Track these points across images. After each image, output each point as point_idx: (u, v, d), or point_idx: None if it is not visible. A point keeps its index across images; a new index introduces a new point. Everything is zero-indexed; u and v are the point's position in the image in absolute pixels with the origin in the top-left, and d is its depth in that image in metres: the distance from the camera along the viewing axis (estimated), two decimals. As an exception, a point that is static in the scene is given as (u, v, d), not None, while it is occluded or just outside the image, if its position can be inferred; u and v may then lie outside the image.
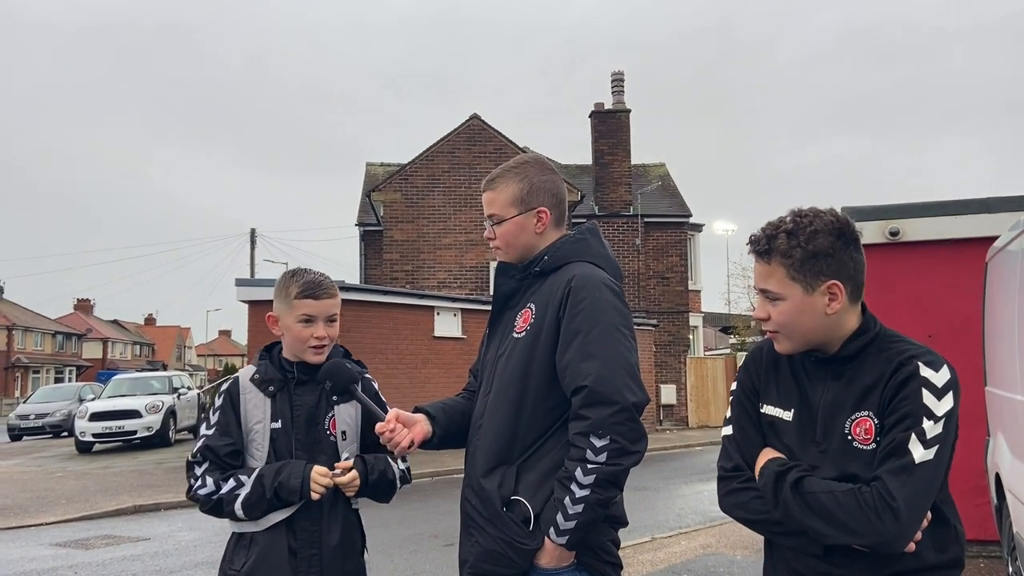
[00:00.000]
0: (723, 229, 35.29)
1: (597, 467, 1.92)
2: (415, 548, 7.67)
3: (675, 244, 24.92)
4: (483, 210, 2.30)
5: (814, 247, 1.75)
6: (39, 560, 7.76)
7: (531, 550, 1.98)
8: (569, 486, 1.93)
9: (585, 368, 1.97)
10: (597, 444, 1.92)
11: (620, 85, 25.93)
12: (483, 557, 2.05)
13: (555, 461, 2.02)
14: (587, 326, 2.01)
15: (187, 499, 2.47)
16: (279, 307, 2.46)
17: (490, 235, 2.28)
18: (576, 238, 2.24)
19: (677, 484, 12.07)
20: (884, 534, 1.61)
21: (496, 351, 2.21)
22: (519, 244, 2.23)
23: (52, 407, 25.79)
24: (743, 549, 7.07)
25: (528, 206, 2.21)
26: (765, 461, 1.81)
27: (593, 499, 1.92)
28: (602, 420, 1.93)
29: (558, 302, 2.07)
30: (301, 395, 2.44)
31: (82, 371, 65.12)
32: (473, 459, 2.16)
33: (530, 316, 2.13)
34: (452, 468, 13.30)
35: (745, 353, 25.56)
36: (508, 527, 2.00)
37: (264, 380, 2.45)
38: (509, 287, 2.24)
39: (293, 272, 2.52)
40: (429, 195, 21.39)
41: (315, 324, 2.41)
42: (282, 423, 2.41)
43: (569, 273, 2.12)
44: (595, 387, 1.95)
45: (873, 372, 1.75)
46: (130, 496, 11.36)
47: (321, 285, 2.45)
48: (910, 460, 1.64)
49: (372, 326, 15.39)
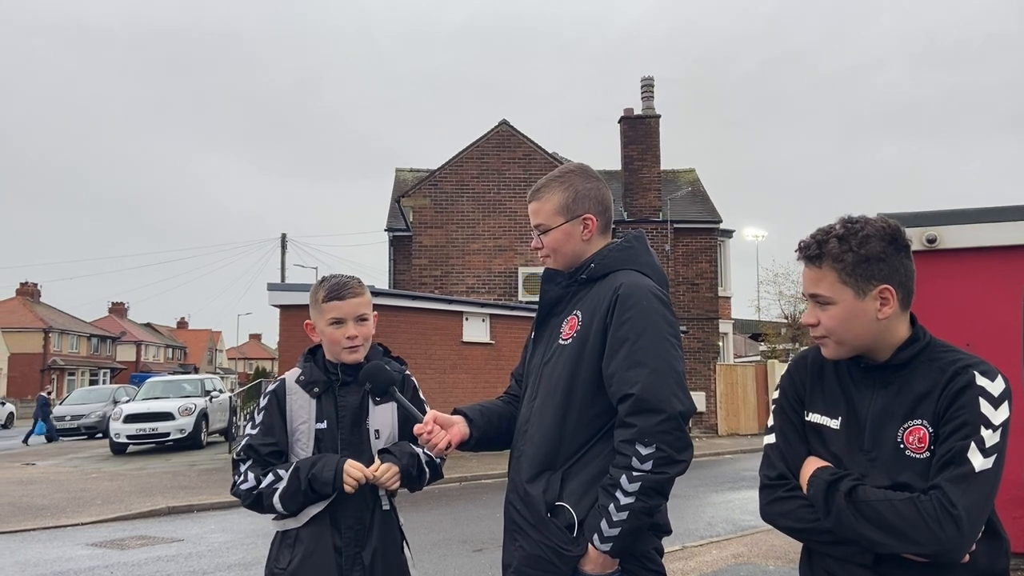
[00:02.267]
0: (753, 235, 35.02)
1: (643, 475, 1.93)
2: (444, 553, 7.70)
3: (705, 250, 24.76)
4: (529, 220, 2.31)
5: (866, 251, 1.75)
6: (76, 560, 7.89)
7: (575, 556, 1.98)
8: (614, 493, 1.94)
9: (632, 376, 1.98)
10: (643, 452, 1.93)
11: (650, 90, 25.85)
12: (527, 562, 2.07)
13: (600, 468, 2.03)
14: (635, 334, 2.02)
15: (231, 494, 2.54)
16: (313, 314, 2.57)
17: (537, 244, 2.29)
18: (623, 246, 2.25)
19: (707, 492, 11.97)
20: (946, 543, 1.60)
21: (542, 357, 2.22)
22: (567, 252, 2.24)
23: (87, 408, 26.24)
24: (776, 559, 6.99)
25: (574, 214, 2.23)
26: (815, 470, 1.80)
27: (638, 507, 1.93)
28: (649, 428, 1.93)
29: (605, 309, 2.08)
30: (345, 396, 2.51)
31: (116, 373, 66.15)
32: (518, 464, 2.17)
33: (576, 323, 2.14)
34: (480, 474, 13.32)
35: (775, 360, 25.25)
36: (552, 532, 2.01)
37: (309, 382, 2.52)
38: (555, 293, 2.25)
39: (322, 279, 2.61)
40: (458, 201, 21.48)
41: (345, 325, 2.48)
42: (327, 424, 2.48)
43: (616, 281, 2.12)
44: (642, 395, 1.95)
45: (926, 381, 1.74)
46: (164, 497, 11.51)
47: (346, 286, 2.51)
48: (970, 469, 1.63)
49: (401, 331, 15.47)
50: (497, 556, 8.20)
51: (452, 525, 9.13)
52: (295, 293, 16.02)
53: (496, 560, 7.26)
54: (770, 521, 1.89)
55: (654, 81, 25.95)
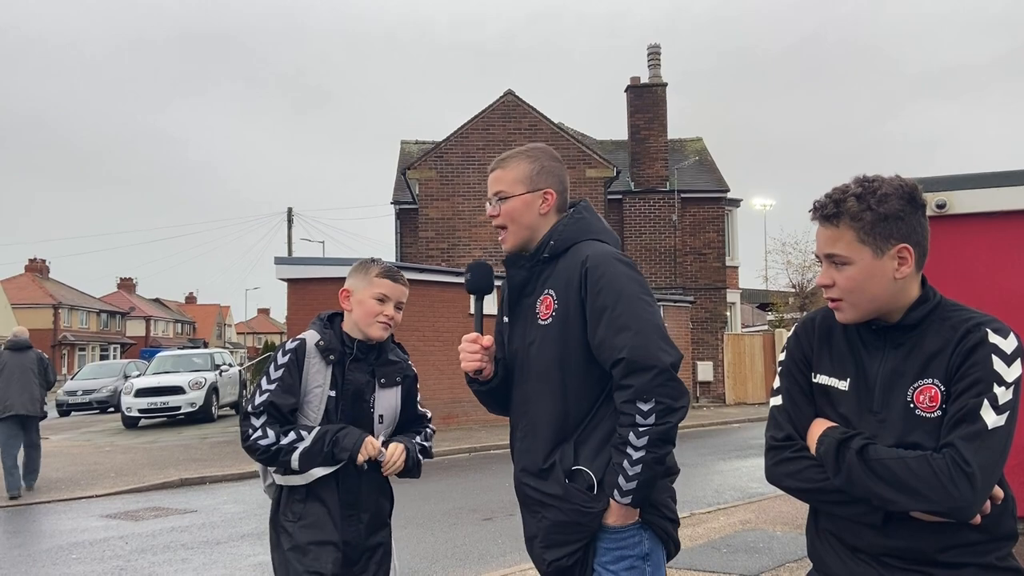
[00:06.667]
0: (761, 204, 34.80)
1: (648, 428, 2.05)
2: (454, 522, 7.77)
3: (712, 220, 24.63)
4: (489, 188, 2.36)
5: (885, 210, 1.74)
6: (91, 531, 8.01)
7: (598, 512, 2.11)
8: (625, 450, 2.06)
9: (619, 341, 2.08)
10: (644, 408, 2.05)
11: (656, 58, 25.56)
12: (553, 530, 2.18)
13: (607, 430, 2.15)
14: (611, 301, 2.12)
15: (244, 447, 2.59)
16: (356, 283, 2.67)
17: (494, 212, 2.33)
18: (575, 218, 2.32)
19: (714, 460, 12.03)
20: (959, 500, 1.60)
21: (523, 339, 2.29)
22: (523, 223, 2.30)
23: (98, 383, 26.47)
24: (783, 525, 7.04)
25: (536, 186, 2.31)
26: (825, 429, 1.79)
27: (650, 458, 2.05)
28: (644, 385, 2.05)
29: (577, 284, 2.17)
30: (353, 371, 2.63)
31: (126, 348, 66.66)
32: (524, 446, 2.27)
33: (552, 302, 2.23)
34: (489, 444, 13.41)
35: (782, 329, 25.15)
36: (575, 497, 2.13)
37: (328, 348, 2.62)
38: (521, 276, 2.33)
39: (373, 258, 2.80)
40: (464, 172, 21.38)
41: (388, 303, 2.65)
42: (336, 393, 2.60)
43: (580, 254, 2.21)
44: (632, 356, 2.06)
45: (938, 340, 1.73)
46: (176, 470, 11.64)
47: (400, 273, 2.73)
48: (983, 426, 1.62)
49: (408, 304, 15.22)
50: (507, 525, 8.26)
51: (462, 495, 9.21)
52: (302, 267, 16.04)
53: (505, 529, 7.36)
54: (775, 482, 1.88)
55: (660, 49, 25.66)
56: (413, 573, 6.01)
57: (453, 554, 6.60)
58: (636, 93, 25.10)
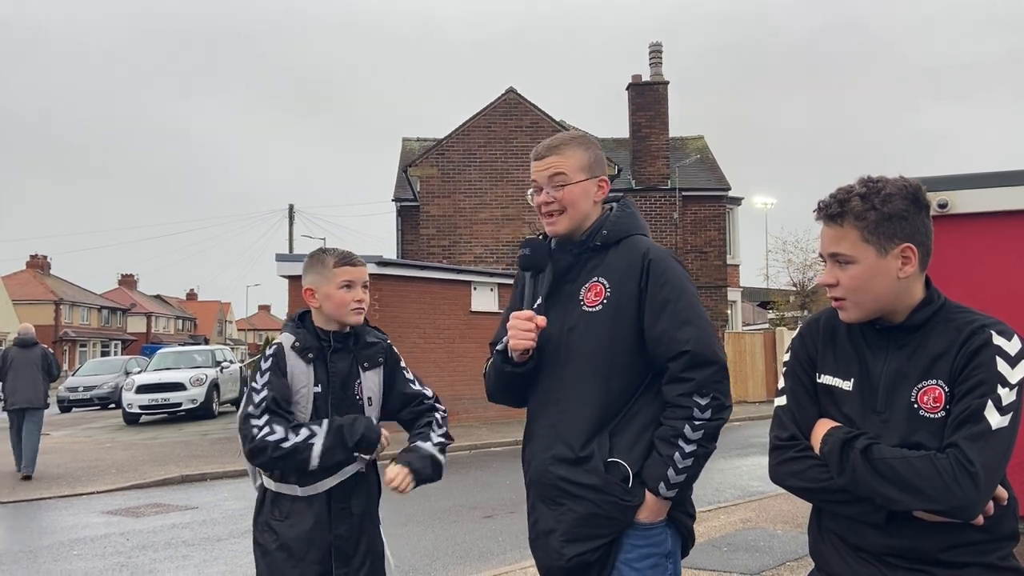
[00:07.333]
0: (762, 203, 34.79)
1: (704, 423, 2.09)
2: (455, 519, 7.78)
3: (713, 218, 24.63)
4: (538, 174, 2.29)
5: (889, 209, 1.75)
6: (92, 527, 8.01)
7: (634, 506, 2.11)
8: (677, 442, 2.08)
9: (682, 334, 2.12)
10: (702, 402, 2.09)
11: (658, 56, 25.55)
12: (579, 523, 2.14)
13: (642, 422, 2.16)
14: (674, 295, 2.16)
15: (249, 449, 2.49)
16: (315, 279, 2.64)
17: (547, 199, 2.27)
18: (627, 211, 2.34)
19: (715, 459, 11.89)
20: (962, 499, 1.61)
21: (561, 325, 2.24)
22: (580, 209, 2.28)
23: (100, 379, 26.45)
24: (783, 523, 7.04)
25: (594, 174, 2.30)
26: (829, 428, 1.80)
27: (701, 452, 2.10)
28: (705, 380, 2.10)
29: (637, 275, 2.19)
30: (336, 362, 2.63)
31: (127, 345, 66.68)
32: (554, 433, 2.21)
33: (603, 290, 2.21)
34: (489, 441, 13.42)
35: (783, 328, 25.08)
36: (613, 488, 2.11)
37: (304, 348, 2.61)
38: (567, 261, 2.29)
39: (322, 248, 2.74)
40: (465, 170, 21.37)
41: (355, 288, 2.63)
42: (322, 388, 2.59)
43: (638, 246, 2.24)
44: (697, 350, 2.11)
45: (942, 341, 1.75)
46: (177, 466, 11.65)
47: (354, 255, 2.68)
48: (987, 426, 1.64)
49: (409, 301, 15.50)
50: (508, 522, 8.25)
51: (462, 492, 9.22)
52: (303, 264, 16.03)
53: (506, 527, 7.36)
54: (779, 481, 1.89)
55: (662, 47, 25.64)
56: (414, 571, 6.01)
57: (454, 552, 6.60)
58: (637, 91, 25.09)
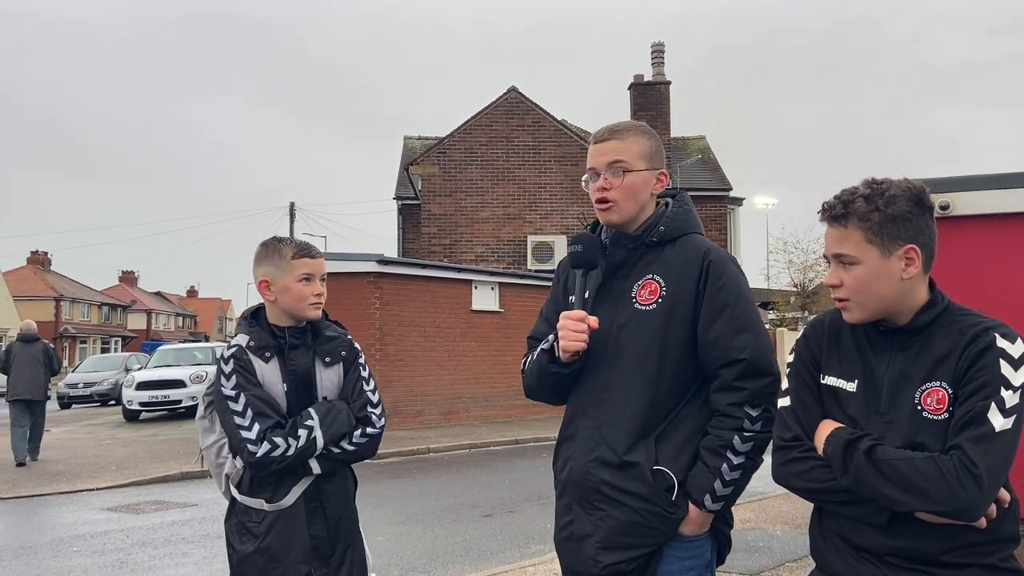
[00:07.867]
0: (764, 203, 34.78)
1: (754, 435, 2.01)
2: (455, 518, 7.78)
3: (715, 218, 24.60)
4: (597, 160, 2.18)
5: (892, 211, 1.76)
6: (92, 524, 8.02)
7: (677, 519, 2.03)
8: (726, 454, 2.01)
9: (740, 341, 2.04)
10: (753, 414, 2.01)
11: (660, 56, 25.54)
12: (619, 530, 2.04)
13: (688, 430, 2.07)
14: (732, 300, 2.07)
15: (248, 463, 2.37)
16: (271, 271, 2.49)
17: (605, 185, 2.15)
18: (684, 208, 2.22)
19: (715, 459, 12.02)
20: (966, 501, 1.61)
21: (611, 322, 2.13)
22: (638, 199, 2.16)
23: (100, 376, 26.43)
24: (783, 524, 7.05)
25: (655, 165, 2.19)
26: (832, 429, 1.81)
27: (749, 465, 2.02)
28: (759, 390, 2.02)
29: (696, 275, 2.09)
30: (295, 359, 2.49)
31: (127, 341, 66.74)
32: (599, 434, 2.11)
33: (659, 288, 2.11)
34: (489, 441, 13.42)
35: (784, 328, 25.04)
36: (659, 498, 2.02)
37: (260, 347, 2.47)
38: (621, 256, 2.18)
39: (275, 239, 2.58)
40: (467, 169, 21.36)
41: (314, 281, 2.49)
42: (287, 385, 2.48)
43: (697, 245, 2.14)
44: (753, 360, 2.03)
45: (946, 343, 1.75)
46: (177, 463, 11.65)
47: (312, 245, 2.56)
48: (990, 429, 1.64)
49: (410, 300, 15.49)
50: (507, 522, 8.24)
51: (462, 491, 9.23)
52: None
53: (506, 526, 7.36)
54: (782, 482, 1.89)
55: (664, 47, 25.63)
56: (413, 569, 6.02)
57: (453, 550, 6.60)
58: (639, 91, 25.06)
